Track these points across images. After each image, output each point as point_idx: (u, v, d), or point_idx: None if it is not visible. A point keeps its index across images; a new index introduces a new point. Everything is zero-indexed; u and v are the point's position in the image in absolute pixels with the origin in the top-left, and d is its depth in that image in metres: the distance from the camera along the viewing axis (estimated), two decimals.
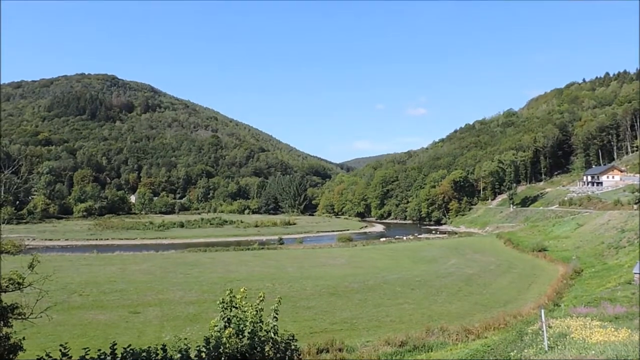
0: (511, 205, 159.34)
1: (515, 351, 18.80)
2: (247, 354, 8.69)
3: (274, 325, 9.42)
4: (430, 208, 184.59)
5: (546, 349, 17.03)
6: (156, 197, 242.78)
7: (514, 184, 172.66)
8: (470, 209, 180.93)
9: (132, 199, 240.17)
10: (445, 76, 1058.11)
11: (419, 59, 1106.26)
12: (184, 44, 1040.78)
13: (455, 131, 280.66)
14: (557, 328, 20.33)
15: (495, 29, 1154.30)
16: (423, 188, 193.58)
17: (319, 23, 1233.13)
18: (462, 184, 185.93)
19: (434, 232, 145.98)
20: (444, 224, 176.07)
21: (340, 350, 27.62)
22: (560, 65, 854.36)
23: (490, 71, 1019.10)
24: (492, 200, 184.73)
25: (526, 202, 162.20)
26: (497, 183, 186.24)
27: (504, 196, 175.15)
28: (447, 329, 31.18)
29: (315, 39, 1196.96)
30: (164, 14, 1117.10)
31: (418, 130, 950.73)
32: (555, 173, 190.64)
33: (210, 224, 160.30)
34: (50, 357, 8.61)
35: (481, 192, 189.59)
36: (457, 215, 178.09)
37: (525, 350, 17.74)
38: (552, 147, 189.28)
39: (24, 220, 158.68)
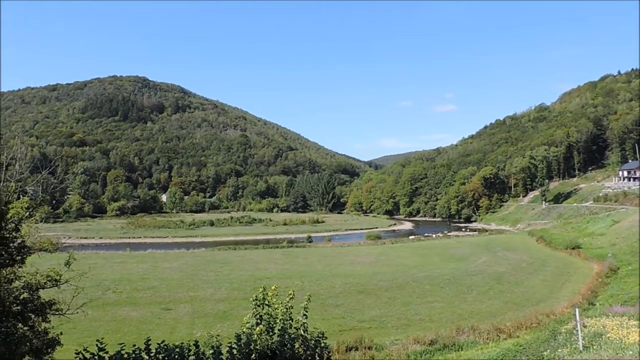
0: (543, 202, 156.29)
1: (548, 351, 18.47)
2: (277, 351, 8.82)
3: (304, 323, 9.53)
4: (459, 205, 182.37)
5: (581, 348, 16.70)
6: (187, 196, 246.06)
7: (547, 180, 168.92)
8: (501, 206, 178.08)
9: (164, 198, 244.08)
10: (474, 72, 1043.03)
11: (446, 55, 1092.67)
12: (212, 45, 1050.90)
13: (485, 127, 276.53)
14: (592, 327, 19.87)
15: (525, 24, 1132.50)
16: (452, 185, 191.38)
17: (344, 21, 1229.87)
18: (492, 180, 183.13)
19: (463, 229, 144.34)
20: (474, 221, 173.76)
21: (369, 348, 27.58)
22: (594, 58, 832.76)
23: (521, 66, 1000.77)
24: (523, 197, 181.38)
25: (559, 198, 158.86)
26: (528, 179, 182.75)
27: (536, 193, 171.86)
28: (477, 328, 30.80)
29: (341, 37, 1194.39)
30: (191, 15, 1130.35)
31: (446, 127, 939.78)
32: (590, 168, 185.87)
33: (240, 223, 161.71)
34: (88, 352, 8.90)
35: (512, 188, 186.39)
36: (487, 213, 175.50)
37: (559, 350, 17.42)
38: (585, 142, 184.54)
39: (60, 219, 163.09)
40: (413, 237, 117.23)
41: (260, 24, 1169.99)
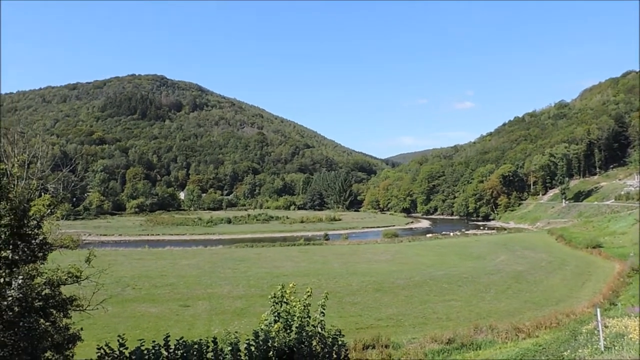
0: (563, 200, 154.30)
1: (568, 351, 18.25)
2: (294, 349, 8.84)
3: (321, 321, 9.53)
4: (478, 203, 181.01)
5: (602, 349, 16.45)
6: (204, 194, 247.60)
7: (567, 178, 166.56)
8: (519, 204, 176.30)
9: (182, 195, 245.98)
10: (493, 69, 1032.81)
11: (464, 52, 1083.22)
12: (230, 43, 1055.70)
13: (504, 124, 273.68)
14: (613, 328, 19.57)
15: (545, 20, 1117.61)
16: (470, 183, 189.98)
17: (361, 19, 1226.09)
18: (511, 178, 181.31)
19: (481, 227, 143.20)
20: (493, 219, 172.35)
21: (386, 346, 27.50)
22: (616, 54, 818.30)
23: (541, 63, 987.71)
24: (543, 195, 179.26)
25: (579, 196, 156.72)
26: (548, 177, 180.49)
27: (556, 191, 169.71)
28: (496, 327, 30.52)
29: (358, 35, 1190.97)
30: (209, 14, 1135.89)
31: (464, 125, 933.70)
32: (611, 166, 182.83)
33: (257, 220, 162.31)
34: (109, 347, 9.03)
35: (531, 186, 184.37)
36: (506, 211, 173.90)
37: (580, 351, 17.19)
38: (607, 139, 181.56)
39: (81, 216, 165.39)
40: (430, 235, 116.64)
41: (278, 22, 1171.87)
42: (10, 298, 9.25)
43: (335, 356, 9.34)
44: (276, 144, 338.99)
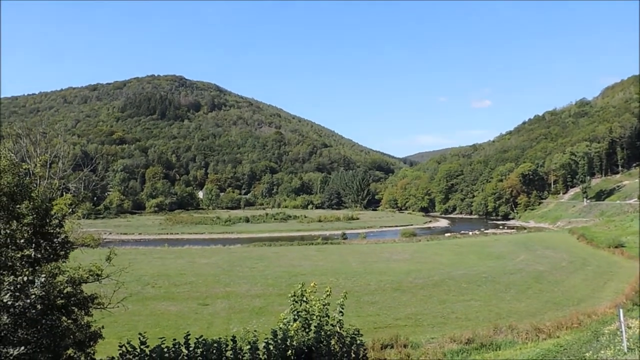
0: (585, 199, 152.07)
1: (590, 352, 17.95)
2: (313, 348, 8.84)
3: (340, 320, 9.52)
4: (497, 202, 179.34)
5: (625, 350, 16.14)
6: (222, 193, 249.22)
7: (588, 177, 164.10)
8: (540, 203, 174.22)
9: (200, 194, 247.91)
10: (511, 66, 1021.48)
11: (483, 50, 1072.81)
12: (247, 43, 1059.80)
13: (524, 123, 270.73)
14: (637, 329, 19.24)
15: (565, 17, 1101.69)
16: (490, 182, 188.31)
17: (379, 17, 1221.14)
18: (531, 177, 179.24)
19: (501, 227, 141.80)
20: (512, 218, 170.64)
21: (404, 346, 27.36)
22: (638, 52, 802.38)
23: (560, 60, 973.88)
24: (563, 194, 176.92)
25: (601, 195, 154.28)
26: (569, 176, 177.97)
27: (577, 190, 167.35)
28: (516, 327, 30.20)
29: (375, 34, 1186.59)
30: (226, 14, 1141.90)
31: (483, 123, 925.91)
32: (634, 165, 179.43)
33: (275, 219, 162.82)
34: (131, 345, 9.14)
35: (552, 185, 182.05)
36: (526, 210, 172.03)
37: (602, 352, 16.89)
38: (629, 138, 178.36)
39: (101, 215, 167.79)
40: (449, 234, 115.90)
41: (295, 22, 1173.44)
42: (33, 296, 9.39)
43: (353, 355, 9.33)
44: (294, 144, 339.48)
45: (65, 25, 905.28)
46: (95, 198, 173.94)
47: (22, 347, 8.89)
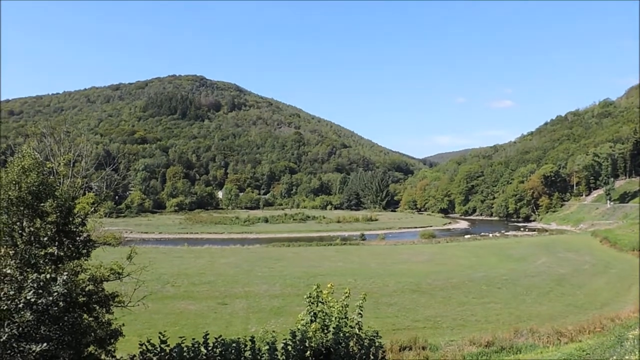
0: (608, 201, 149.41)
1: (614, 357, 17.59)
2: (331, 349, 8.82)
3: (359, 322, 9.48)
4: (518, 204, 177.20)
5: None
6: (242, 193, 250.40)
7: (612, 179, 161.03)
8: (562, 205, 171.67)
9: (220, 194, 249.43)
10: (532, 66, 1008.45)
11: (503, 50, 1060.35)
12: (267, 43, 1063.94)
13: (546, 123, 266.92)
14: None
15: (588, 16, 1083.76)
16: (510, 183, 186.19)
17: (396, 18, 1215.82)
18: (553, 179, 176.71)
19: (522, 229, 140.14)
20: (533, 220, 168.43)
21: (423, 348, 27.22)
22: None
23: (584, 60, 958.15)
24: (586, 196, 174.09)
25: (625, 197, 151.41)
26: (592, 178, 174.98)
27: (600, 192, 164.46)
28: (537, 331, 29.82)
29: (392, 34, 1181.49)
30: (247, 14, 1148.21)
31: (504, 124, 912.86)
32: None
33: (294, 220, 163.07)
34: (151, 343, 9.23)
35: (574, 187, 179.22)
36: (547, 212, 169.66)
37: (626, 357, 16.55)
38: None
39: (123, 214, 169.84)
40: (469, 236, 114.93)
41: (314, 22, 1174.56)
42: (55, 293, 9.53)
43: (372, 357, 9.28)
44: (313, 144, 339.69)
45: (89, 25, 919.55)
46: (116, 197, 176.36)
47: (45, 344, 9.02)
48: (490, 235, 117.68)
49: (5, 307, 8.96)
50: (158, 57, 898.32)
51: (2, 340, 8.73)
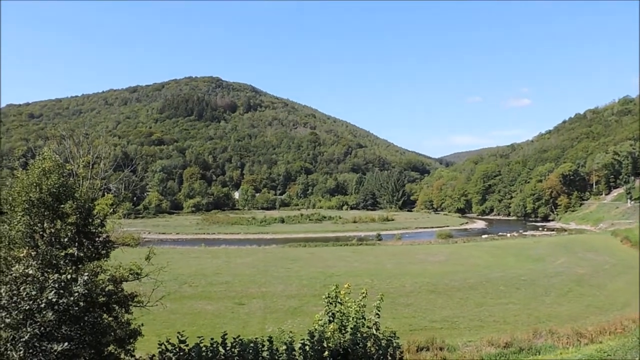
0: (629, 200, 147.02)
1: (636, 359, 17.36)
2: (349, 349, 8.82)
3: (376, 322, 9.47)
4: (536, 204, 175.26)
5: None
6: (258, 194, 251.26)
7: (632, 177, 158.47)
8: (581, 204, 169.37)
9: (236, 195, 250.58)
10: (550, 64, 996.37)
11: (520, 48, 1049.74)
12: (282, 44, 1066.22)
13: (564, 122, 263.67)
14: None
15: (608, 13, 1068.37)
16: (528, 183, 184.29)
17: (412, 17, 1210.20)
18: (572, 178, 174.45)
19: (540, 229, 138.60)
20: (552, 220, 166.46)
21: (440, 349, 27.08)
22: None
23: (602, 57, 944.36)
24: (606, 195, 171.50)
25: None
26: (612, 177, 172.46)
27: (620, 191, 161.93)
28: (556, 332, 29.49)
29: (408, 33, 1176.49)
30: (262, 15, 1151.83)
31: (521, 122, 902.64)
32: None
33: (310, 220, 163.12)
34: (170, 343, 9.33)
35: (594, 186, 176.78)
36: (566, 211, 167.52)
37: None
38: None
39: (141, 215, 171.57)
40: (486, 236, 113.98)
41: (329, 21, 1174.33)
42: (76, 294, 9.68)
43: (389, 358, 9.27)
44: (329, 144, 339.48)
45: (107, 28, 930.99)
46: (134, 198, 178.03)
47: (66, 343, 9.16)
48: (508, 235, 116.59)
49: (28, 307, 9.11)
50: (174, 59, 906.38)
51: (24, 339, 8.88)
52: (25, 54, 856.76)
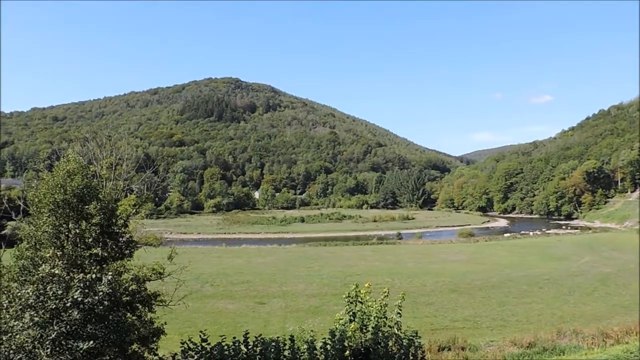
0: None
1: None
2: (370, 349, 8.82)
3: (398, 321, 9.44)
4: (559, 202, 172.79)
5: None
6: (278, 193, 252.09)
7: None
8: (606, 202, 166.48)
9: (256, 195, 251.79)
10: (573, 60, 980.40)
11: (542, 44, 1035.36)
12: (301, 44, 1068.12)
13: (588, 118, 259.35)
14: None
15: (627, 6, 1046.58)
16: (551, 180, 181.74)
17: (432, 15, 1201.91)
18: (596, 175, 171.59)
19: (564, 227, 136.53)
20: (576, 218, 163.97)
21: (462, 348, 26.84)
22: None
23: (626, 52, 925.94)
24: (631, 192, 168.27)
25: None
26: (637, 173, 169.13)
27: None
28: (581, 332, 29.01)
29: (427, 30, 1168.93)
30: (280, 16, 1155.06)
31: (544, 119, 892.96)
32: None
33: (330, 219, 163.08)
34: (192, 342, 9.46)
35: (619, 183, 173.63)
36: (590, 209, 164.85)
37: None
38: None
39: (162, 216, 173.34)
40: (508, 234, 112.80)
41: (346, 22, 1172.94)
42: (101, 293, 9.85)
43: (411, 358, 9.23)
44: (348, 143, 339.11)
45: (128, 33, 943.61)
46: (156, 199, 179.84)
47: (91, 342, 9.33)
48: (531, 233, 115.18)
49: (54, 306, 9.30)
50: (194, 60, 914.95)
51: (51, 337, 9.07)
52: (52, 57, 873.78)
